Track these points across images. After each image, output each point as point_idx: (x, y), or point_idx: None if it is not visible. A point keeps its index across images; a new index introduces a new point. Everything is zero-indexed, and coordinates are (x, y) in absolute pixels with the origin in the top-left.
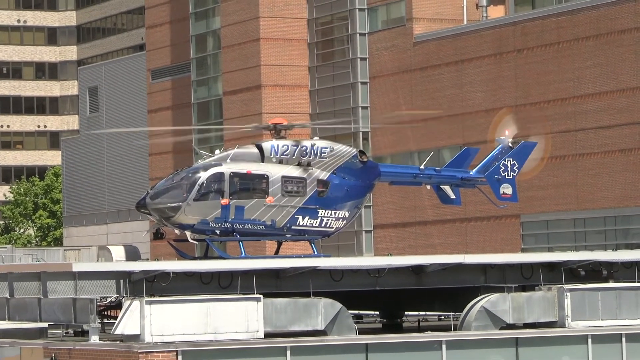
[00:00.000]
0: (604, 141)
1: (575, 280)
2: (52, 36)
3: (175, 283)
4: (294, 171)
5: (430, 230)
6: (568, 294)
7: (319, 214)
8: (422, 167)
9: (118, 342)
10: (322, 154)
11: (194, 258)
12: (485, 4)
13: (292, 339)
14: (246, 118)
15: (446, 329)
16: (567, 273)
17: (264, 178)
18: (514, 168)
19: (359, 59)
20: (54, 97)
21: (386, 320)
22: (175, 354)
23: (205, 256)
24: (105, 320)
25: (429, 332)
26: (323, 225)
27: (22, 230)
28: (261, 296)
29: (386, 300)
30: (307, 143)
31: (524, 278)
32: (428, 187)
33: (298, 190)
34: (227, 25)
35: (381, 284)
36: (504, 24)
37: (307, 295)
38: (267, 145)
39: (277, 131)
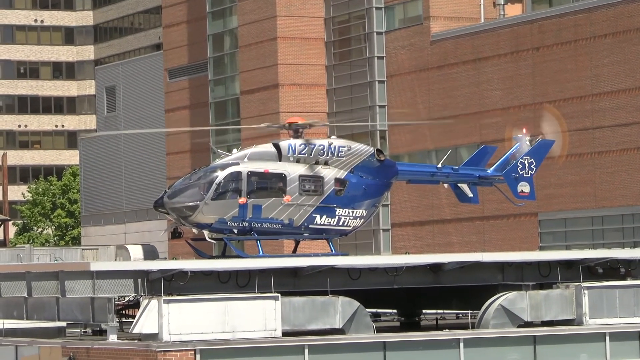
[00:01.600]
0: (621, 139)
1: (593, 278)
2: (69, 36)
3: (193, 282)
4: (311, 170)
5: (448, 228)
6: (586, 291)
7: (337, 213)
8: (439, 165)
9: (136, 341)
10: (340, 153)
11: (212, 257)
12: (502, 2)
13: (309, 337)
14: (263, 117)
15: (464, 327)
16: (585, 271)
17: (281, 177)
18: (532, 166)
19: (376, 58)
20: (71, 97)
21: (404, 319)
22: (193, 352)
23: (223, 255)
24: (123, 320)
25: (447, 330)
26: (341, 223)
27: (40, 229)
28: (279, 295)
29: (404, 299)
30: (324, 142)
31: (542, 276)
32: (446, 185)
33: (315, 189)
34: (244, 24)
35: (399, 282)
36: (521, 22)
37: (324, 293)
38: (284, 144)
39: (295, 130)
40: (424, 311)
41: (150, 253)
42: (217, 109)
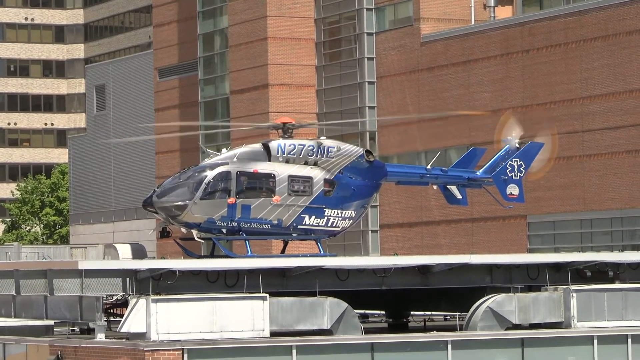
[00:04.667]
0: (611, 142)
1: (581, 281)
2: (59, 34)
3: (182, 281)
4: (300, 170)
5: (437, 230)
6: (574, 294)
7: (326, 214)
8: (428, 167)
9: (124, 340)
10: (329, 154)
11: (200, 257)
12: (492, 5)
13: (297, 338)
14: (253, 117)
15: (452, 329)
16: (573, 274)
17: (270, 177)
18: (521, 168)
19: (366, 59)
20: (61, 95)
21: (392, 320)
22: (181, 352)
23: (212, 255)
24: (112, 318)
25: (435, 332)
26: (329, 224)
27: (28, 227)
28: (267, 295)
29: (392, 300)
30: (313, 142)
31: (530, 278)
32: (435, 187)
33: (304, 190)
34: (235, 24)
35: (387, 283)
36: (511, 25)
37: (313, 294)
38: (274, 144)
39: (284, 130)
40: (412, 313)
41: (138, 252)
42: (207, 108)
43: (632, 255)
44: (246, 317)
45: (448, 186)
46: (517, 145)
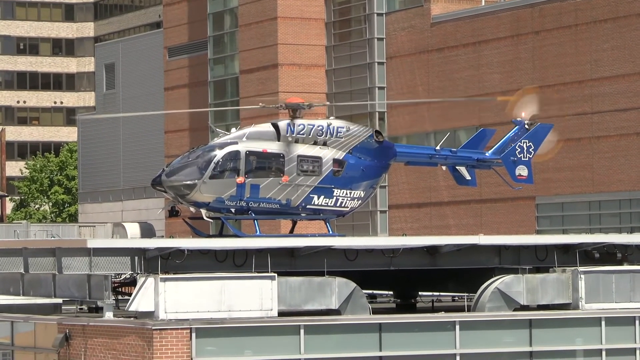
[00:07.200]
0: (620, 124)
1: (589, 263)
2: (69, 12)
3: (190, 261)
4: (309, 150)
5: (445, 211)
6: (582, 276)
7: (334, 194)
8: (438, 147)
9: (132, 318)
10: (338, 134)
11: (209, 236)
12: None
13: (305, 317)
14: (262, 97)
15: (460, 309)
16: (582, 255)
17: (279, 157)
18: (530, 150)
19: (376, 39)
20: (70, 74)
21: (400, 300)
22: (189, 331)
23: (220, 234)
24: (120, 297)
25: (443, 312)
26: (338, 204)
27: (37, 206)
28: (275, 275)
29: (400, 281)
30: (323, 122)
31: (539, 260)
32: (444, 167)
33: (314, 170)
34: (245, 3)
35: (395, 264)
36: (521, 6)
37: (321, 274)
38: (283, 124)
39: (294, 110)
40: (420, 293)
41: (147, 231)
42: (216, 88)
43: None
44: (254, 297)
45: (457, 167)
46: (527, 126)
